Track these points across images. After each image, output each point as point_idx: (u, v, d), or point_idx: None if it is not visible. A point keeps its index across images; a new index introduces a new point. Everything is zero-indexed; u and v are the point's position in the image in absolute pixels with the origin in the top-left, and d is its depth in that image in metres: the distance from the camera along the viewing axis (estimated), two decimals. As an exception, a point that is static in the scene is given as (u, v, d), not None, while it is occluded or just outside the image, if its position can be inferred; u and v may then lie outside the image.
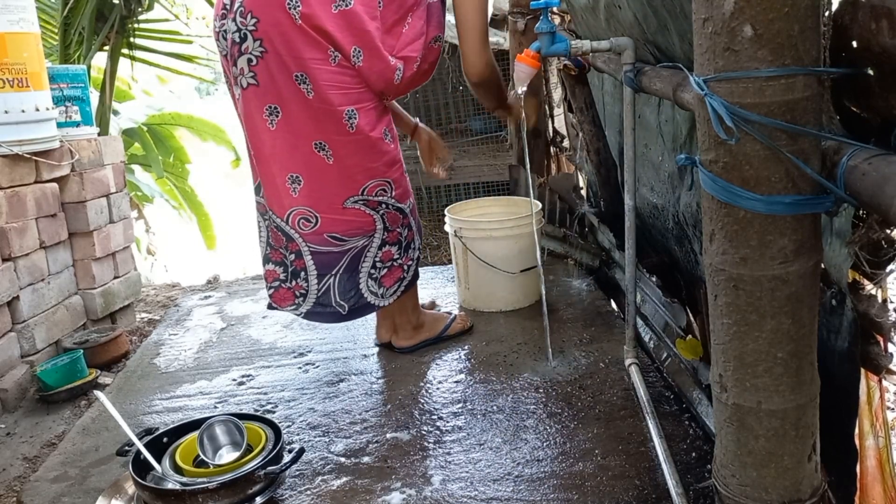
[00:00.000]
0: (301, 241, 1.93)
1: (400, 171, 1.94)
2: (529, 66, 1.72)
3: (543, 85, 3.30)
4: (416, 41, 1.82)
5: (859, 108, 0.94)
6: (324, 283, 1.98)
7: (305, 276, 1.97)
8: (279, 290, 2.02)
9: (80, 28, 4.01)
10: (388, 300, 2.05)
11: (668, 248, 2.10)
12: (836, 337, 1.16)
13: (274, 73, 1.74)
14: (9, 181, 2.18)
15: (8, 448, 1.90)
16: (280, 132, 1.80)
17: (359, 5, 1.72)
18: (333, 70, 1.73)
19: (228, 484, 1.43)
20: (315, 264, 1.96)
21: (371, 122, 1.82)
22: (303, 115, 1.78)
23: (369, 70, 1.76)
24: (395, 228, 1.97)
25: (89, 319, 2.55)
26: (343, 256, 1.96)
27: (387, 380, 2.06)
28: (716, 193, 0.94)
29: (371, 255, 1.97)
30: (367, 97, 1.81)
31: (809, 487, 1.04)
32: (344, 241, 1.93)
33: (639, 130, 1.88)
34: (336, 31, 1.70)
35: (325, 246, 1.93)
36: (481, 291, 2.50)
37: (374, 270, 2.00)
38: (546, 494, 1.47)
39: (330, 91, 1.74)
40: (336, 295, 2.00)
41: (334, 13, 1.70)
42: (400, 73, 1.80)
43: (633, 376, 1.88)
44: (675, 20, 1.39)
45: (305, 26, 1.69)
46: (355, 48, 1.73)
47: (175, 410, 2.00)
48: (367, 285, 2.01)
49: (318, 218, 1.89)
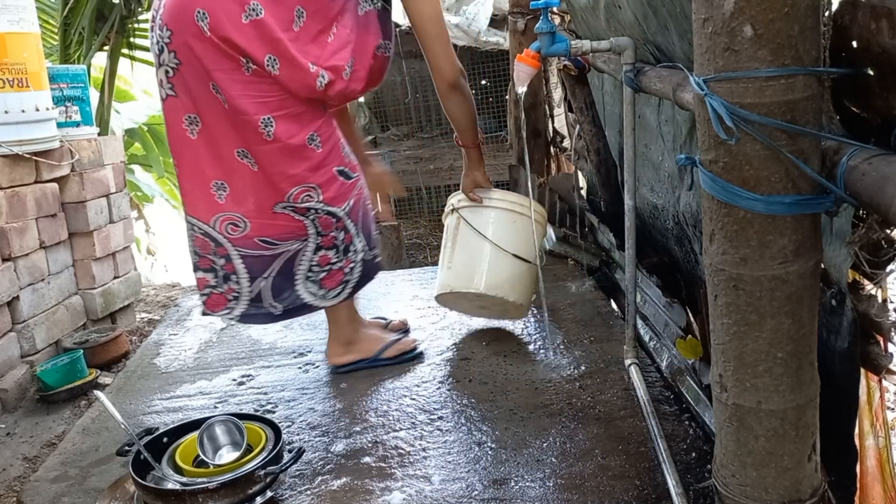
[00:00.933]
0: (230, 246, 1.90)
1: (328, 175, 1.87)
2: (529, 66, 1.72)
3: (543, 85, 3.31)
4: (341, 50, 1.80)
5: (859, 108, 0.94)
6: (255, 285, 1.94)
7: (237, 279, 1.94)
8: (211, 297, 1.98)
9: (80, 28, 4.02)
10: (332, 301, 2.01)
11: (668, 248, 2.10)
12: (836, 337, 1.16)
13: (189, 84, 1.76)
14: (9, 181, 2.18)
15: (8, 448, 1.90)
16: (201, 141, 1.81)
17: (269, 16, 1.70)
18: (247, 79, 1.73)
19: (228, 484, 1.43)
20: (245, 267, 1.92)
21: (291, 129, 1.79)
22: (223, 124, 1.79)
23: (288, 78, 1.74)
24: (329, 233, 1.92)
25: (89, 319, 2.55)
26: (275, 260, 1.92)
27: (387, 380, 2.06)
28: (716, 193, 0.94)
29: (307, 258, 1.94)
30: (290, 104, 1.78)
31: (809, 487, 1.04)
32: (276, 244, 1.90)
33: (639, 130, 1.88)
34: (245, 41, 1.69)
35: (256, 250, 1.90)
36: (465, 269, 2.19)
37: (312, 273, 1.96)
38: (546, 494, 1.47)
39: (242, 100, 1.74)
40: (269, 297, 1.96)
41: (244, 23, 1.69)
42: (324, 80, 1.77)
43: (633, 376, 1.88)
44: (675, 20, 1.39)
45: (214, 38, 1.69)
46: (269, 56, 1.71)
47: (175, 410, 2.00)
48: (304, 287, 1.97)
49: (248, 223, 1.87)
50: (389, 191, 2.31)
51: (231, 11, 1.69)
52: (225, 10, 1.69)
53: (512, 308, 2.24)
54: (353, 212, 1.94)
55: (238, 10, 1.69)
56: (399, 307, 2.63)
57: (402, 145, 5.86)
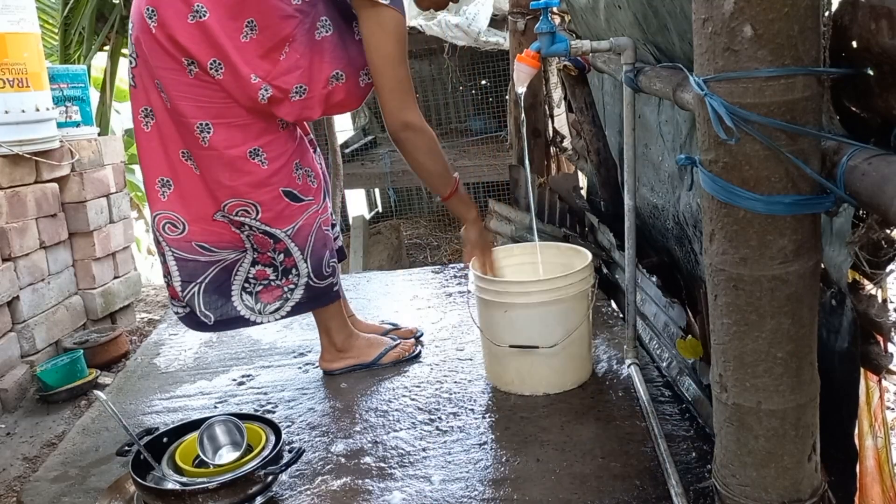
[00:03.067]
0: (166, 246, 1.86)
1: (272, 195, 1.80)
2: (529, 66, 1.72)
3: (543, 85, 3.31)
4: (289, 73, 1.73)
5: (859, 108, 0.94)
6: (188, 290, 1.89)
7: (170, 280, 1.90)
8: (170, 287, 1.94)
9: (80, 28, 4.02)
10: (269, 317, 1.94)
11: (668, 248, 2.10)
12: (836, 337, 1.16)
13: (144, 78, 1.76)
14: (9, 181, 2.18)
15: (8, 448, 1.90)
16: (153, 135, 1.80)
17: (213, 20, 1.67)
18: (190, 82, 1.71)
19: (228, 484, 1.43)
20: (178, 271, 1.88)
21: (232, 138, 1.75)
22: (169, 123, 1.77)
23: (230, 85, 1.71)
24: (266, 252, 1.87)
25: (89, 319, 2.55)
26: (210, 267, 1.88)
27: (387, 380, 2.06)
28: (716, 193, 0.94)
29: (244, 270, 1.89)
30: (234, 113, 1.74)
31: (809, 487, 1.04)
32: (213, 251, 1.86)
33: (639, 130, 1.88)
34: (190, 42, 1.67)
35: (191, 254, 1.86)
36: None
37: (248, 285, 1.91)
38: (546, 494, 1.47)
39: (182, 102, 1.72)
40: (200, 304, 1.91)
41: (190, 23, 1.67)
42: (266, 93, 1.71)
43: (633, 376, 1.88)
44: (675, 20, 1.39)
45: (160, 37, 1.68)
46: (214, 60, 1.69)
47: (175, 410, 2.00)
48: (240, 299, 1.92)
49: (186, 225, 1.84)
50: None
51: (177, 10, 1.67)
52: (172, 9, 1.67)
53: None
54: (299, 236, 1.86)
55: (185, 10, 1.67)
56: (399, 307, 2.63)
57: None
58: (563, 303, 1.82)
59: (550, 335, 1.82)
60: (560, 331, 1.82)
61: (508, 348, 1.86)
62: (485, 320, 1.93)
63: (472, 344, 2.25)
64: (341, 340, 2.08)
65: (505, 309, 1.83)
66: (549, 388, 1.87)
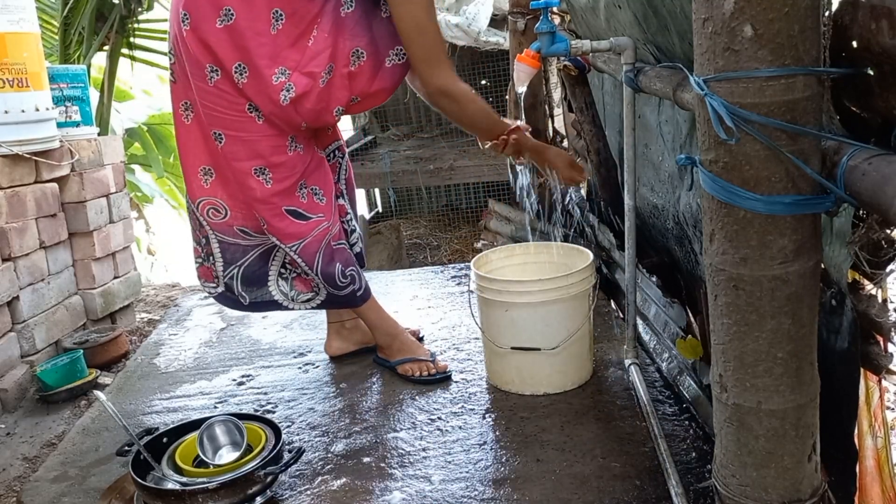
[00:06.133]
0: (209, 230, 1.93)
1: (275, 212, 1.83)
2: (529, 66, 1.72)
3: (543, 85, 3.30)
4: (318, 56, 1.73)
5: (859, 108, 0.94)
6: (228, 272, 1.97)
7: (213, 261, 1.97)
8: (202, 267, 2.01)
9: (80, 28, 4.02)
10: (301, 305, 2.00)
11: (668, 248, 2.10)
12: (836, 337, 1.16)
13: (180, 76, 1.82)
14: (9, 181, 2.18)
15: (8, 448, 1.90)
16: (194, 127, 1.85)
17: (242, 19, 1.68)
18: (208, 89, 1.74)
19: (228, 484, 1.43)
20: (221, 253, 1.95)
21: (237, 152, 1.79)
22: (202, 118, 1.83)
23: (253, 89, 1.72)
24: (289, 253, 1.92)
25: (89, 319, 2.55)
26: (250, 251, 1.94)
27: (387, 380, 2.06)
28: (716, 193, 0.94)
29: (281, 255, 1.96)
30: (244, 127, 1.76)
31: (809, 487, 1.04)
32: (253, 236, 1.93)
33: (639, 130, 1.88)
34: (218, 46, 1.69)
35: (234, 238, 1.93)
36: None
37: (285, 271, 1.98)
38: (546, 494, 1.47)
39: (201, 108, 1.78)
40: (238, 285, 1.98)
41: (218, 28, 1.69)
42: (288, 94, 1.71)
43: (633, 376, 1.88)
44: (675, 20, 1.39)
45: (190, 40, 1.71)
46: (239, 64, 1.70)
47: (175, 410, 2.00)
48: (276, 284, 1.99)
49: (228, 210, 1.90)
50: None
51: (207, 15, 1.69)
52: (201, 14, 1.69)
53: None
54: (307, 252, 1.88)
55: (213, 15, 1.69)
56: (399, 307, 2.63)
57: (402, 145, 5.86)
58: (565, 302, 1.82)
59: (551, 335, 1.82)
60: (561, 331, 1.83)
61: (509, 348, 1.86)
62: (486, 320, 1.93)
63: (472, 344, 2.25)
64: (393, 339, 2.09)
65: (506, 308, 1.84)
66: (550, 388, 1.88)
